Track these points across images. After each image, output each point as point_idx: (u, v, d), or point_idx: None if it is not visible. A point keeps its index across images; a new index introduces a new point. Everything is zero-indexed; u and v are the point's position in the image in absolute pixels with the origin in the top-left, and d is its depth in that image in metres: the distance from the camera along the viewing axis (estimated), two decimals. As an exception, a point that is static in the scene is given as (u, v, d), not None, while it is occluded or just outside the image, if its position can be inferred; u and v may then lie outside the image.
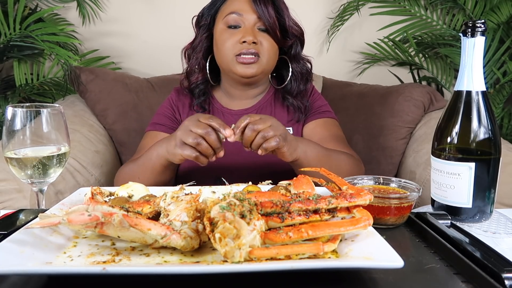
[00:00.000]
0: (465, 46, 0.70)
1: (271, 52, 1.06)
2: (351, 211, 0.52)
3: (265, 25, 1.04)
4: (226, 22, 1.05)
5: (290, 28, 1.08)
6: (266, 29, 1.05)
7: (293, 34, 1.10)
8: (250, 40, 1.01)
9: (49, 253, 0.49)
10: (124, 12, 1.86)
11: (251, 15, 1.04)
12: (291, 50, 1.13)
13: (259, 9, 1.03)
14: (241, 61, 1.03)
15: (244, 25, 1.04)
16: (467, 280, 0.46)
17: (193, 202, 0.53)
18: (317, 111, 1.16)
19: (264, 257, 0.45)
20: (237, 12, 1.04)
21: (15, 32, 1.62)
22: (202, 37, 1.12)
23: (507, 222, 0.72)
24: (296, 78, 1.14)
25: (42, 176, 0.70)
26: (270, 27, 1.04)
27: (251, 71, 1.04)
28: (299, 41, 1.13)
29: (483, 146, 0.69)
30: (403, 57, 1.95)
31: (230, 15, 1.04)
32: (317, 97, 1.20)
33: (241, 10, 1.04)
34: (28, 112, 0.69)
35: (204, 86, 1.15)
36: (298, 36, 1.11)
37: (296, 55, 1.13)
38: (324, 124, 1.14)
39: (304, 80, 1.15)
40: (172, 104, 1.17)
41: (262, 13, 1.03)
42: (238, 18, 1.04)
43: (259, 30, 1.05)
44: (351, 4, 1.85)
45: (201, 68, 1.13)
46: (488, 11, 1.84)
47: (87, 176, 1.28)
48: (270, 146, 0.80)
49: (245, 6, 1.04)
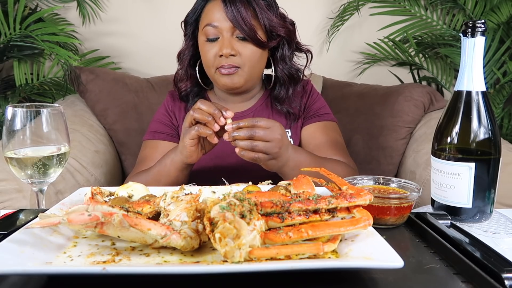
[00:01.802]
0: (465, 46, 0.70)
1: (253, 59, 1.02)
2: (351, 211, 0.52)
3: (242, 33, 0.99)
4: (205, 33, 1.01)
5: (273, 28, 1.02)
6: (244, 37, 0.99)
7: (277, 34, 1.03)
8: (227, 53, 0.98)
9: (49, 253, 0.49)
10: (124, 12, 1.86)
11: (226, 25, 0.99)
12: (276, 51, 1.08)
13: (231, 17, 0.97)
14: (223, 73, 1.01)
15: (221, 36, 1.00)
16: (467, 280, 0.46)
17: (193, 202, 0.53)
18: (316, 114, 1.13)
19: (264, 257, 0.45)
20: (212, 24, 1.00)
21: (15, 32, 1.63)
22: (188, 45, 1.10)
23: (507, 222, 0.72)
24: (283, 82, 1.10)
25: (42, 176, 0.70)
26: (247, 35, 0.98)
27: (233, 82, 1.03)
28: (286, 41, 1.06)
29: (483, 146, 0.69)
30: (403, 57, 1.95)
31: (206, 27, 1.00)
32: (316, 98, 1.17)
33: (216, 20, 0.99)
34: (28, 112, 0.69)
35: (198, 89, 1.14)
36: (284, 36, 1.04)
37: (282, 56, 1.08)
38: (323, 128, 1.11)
39: (293, 84, 1.11)
40: (168, 110, 1.15)
41: (236, 22, 0.97)
42: (214, 30, 1.00)
43: (238, 38, 1.00)
44: (351, 4, 1.85)
45: (188, 76, 1.11)
46: (488, 11, 1.84)
47: (87, 176, 1.28)
48: (248, 156, 0.82)
49: (219, 15, 0.99)
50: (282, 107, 1.11)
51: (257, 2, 1.00)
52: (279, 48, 1.07)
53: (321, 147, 1.07)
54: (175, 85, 1.14)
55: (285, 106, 1.11)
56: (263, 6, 1.01)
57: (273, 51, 1.09)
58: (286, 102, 1.11)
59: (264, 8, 1.01)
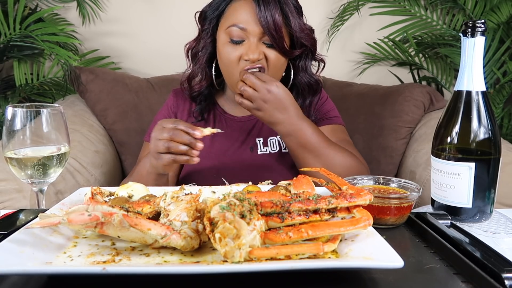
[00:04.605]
0: (465, 46, 0.70)
1: (277, 65, 0.97)
2: (351, 211, 0.52)
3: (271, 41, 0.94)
4: (229, 33, 0.95)
5: (301, 38, 0.98)
6: (271, 45, 0.95)
7: (303, 44, 0.99)
8: (255, 58, 0.93)
9: (49, 253, 0.49)
10: (124, 12, 1.86)
11: (256, 29, 0.93)
12: (299, 60, 1.04)
13: (264, 22, 0.91)
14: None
15: (248, 39, 0.94)
16: (467, 280, 0.46)
17: (193, 202, 0.53)
18: (325, 117, 1.11)
19: (264, 257, 0.45)
20: (240, 25, 0.93)
21: (15, 32, 1.62)
22: (206, 42, 1.03)
23: (507, 222, 0.72)
24: (302, 91, 1.06)
25: (42, 176, 0.70)
26: (276, 43, 0.93)
27: None
28: (310, 51, 1.03)
29: (483, 146, 0.69)
30: (403, 57, 1.95)
31: (232, 28, 0.94)
32: (325, 100, 1.15)
33: (245, 22, 0.93)
34: (28, 112, 0.69)
35: (208, 92, 1.10)
36: (308, 47, 1.01)
37: (304, 66, 1.05)
38: (332, 130, 1.09)
39: (312, 94, 1.07)
40: (170, 111, 1.13)
41: (267, 28, 0.91)
42: (241, 32, 0.93)
43: (265, 44, 0.95)
44: (351, 4, 1.85)
45: (204, 76, 1.06)
46: (488, 11, 1.84)
47: (87, 176, 1.28)
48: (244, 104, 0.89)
49: (248, 17, 0.93)
50: None
51: (289, 7, 0.95)
52: (302, 57, 1.04)
53: None
54: (188, 83, 1.08)
55: None
56: (294, 12, 0.96)
57: (295, 59, 1.05)
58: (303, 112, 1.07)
59: (295, 15, 0.96)
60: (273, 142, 1.08)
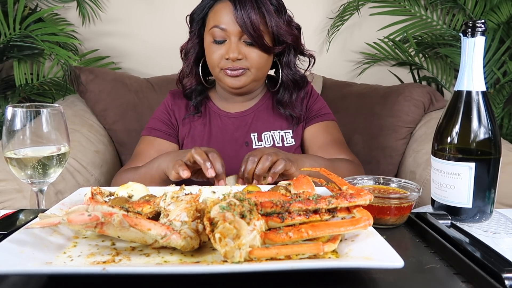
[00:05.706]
0: (465, 46, 0.70)
1: (260, 63, 1.02)
2: (351, 211, 0.52)
3: (250, 39, 0.98)
4: (212, 34, 1.01)
5: (281, 35, 1.02)
6: (251, 42, 0.99)
7: (284, 41, 1.03)
8: (234, 57, 0.98)
9: (49, 253, 0.49)
10: (124, 12, 1.86)
11: (235, 29, 0.98)
12: (282, 56, 1.09)
13: (241, 21, 0.96)
14: (229, 74, 1.02)
15: (229, 39, 1.00)
16: (467, 280, 0.46)
17: (193, 202, 0.53)
18: (317, 114, 1.16)
19: (264, 257, 0.45)
20: (220, 26, 0.99)
21: (15, 32, 1.62)
22: (194, 43, 1.09)
23: (507, 222, 0.72)
24: (287, 86, 1.11)
25: (42, 176, 0.70)
26: (254, 40, 0.98)
27: (239, 83, 1.04)
28: (292, 47, 1.07)
29: (483, 146, 0.69)
30: (403, 57, 1.95)
31: (214, 29, 1.00)
32: (316, 98, 1.19)
33: (225, 23, 0.98)
34: (28, 112, 0.69)
35: (201, 88, 1.15)
36: (290, 43, 1.05)
37: (288, 62, 1.09)
38: (325, 128, 1.14)
39: (297, 89, 1.12)
40: (168, 108, 1.16)
41: (245, 27, 0.96)
42: (222, 32, 0.99)
43: (245, 43, 1.00)
44: (351, 4, 1.85)
45: (193, 74, 1.12)
46: (488, 11, 1.84)
47: (87, 176, 1.28)
48: (278, 169, 0.81)
49: (228, 18, 0.98)
50: (285, 110, 1.13)
51: (267, 7, 0.99)
52: (285, 53, 1.08)
53: (326, 146, 1.10)
54: (180, 82, 1.14)
55: (288, 110, 1.12)
56: (272, 12, 1.00)
57: (279, 55, 1.09)
58: (289, 106, 1.13)
59: (273, 14, 1.00)
60: (267, 137, 1.12)
